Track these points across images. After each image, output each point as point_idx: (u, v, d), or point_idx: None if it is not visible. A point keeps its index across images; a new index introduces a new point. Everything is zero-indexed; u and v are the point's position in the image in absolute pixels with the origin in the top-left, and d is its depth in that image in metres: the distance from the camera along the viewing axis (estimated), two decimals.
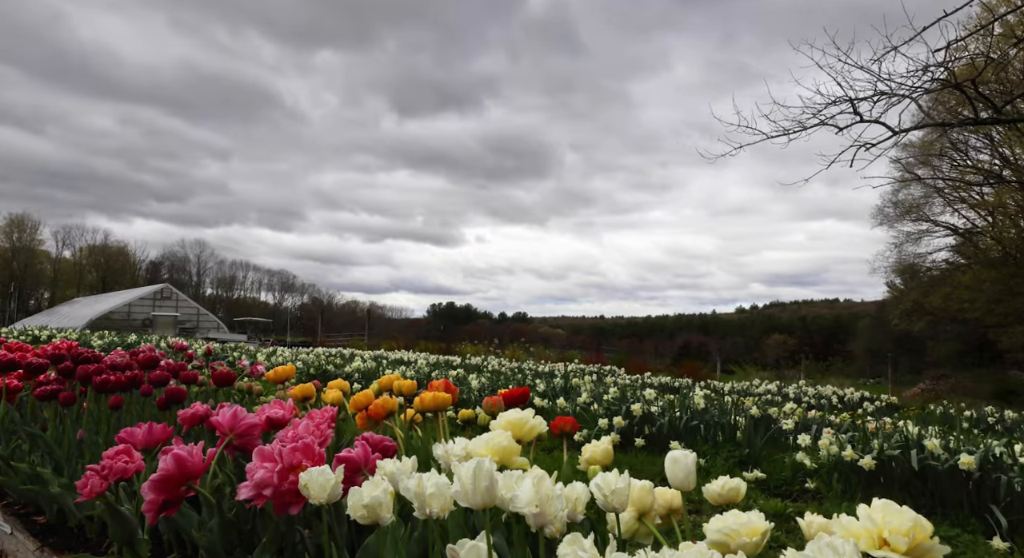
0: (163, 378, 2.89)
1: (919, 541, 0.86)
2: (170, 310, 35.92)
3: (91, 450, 2.43)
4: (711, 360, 34.50)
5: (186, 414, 2.08)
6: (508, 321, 73.55)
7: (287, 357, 12.21)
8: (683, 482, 1.30)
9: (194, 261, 56.01)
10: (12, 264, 45.80)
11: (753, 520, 1.02)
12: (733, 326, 63.01)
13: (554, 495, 1.09)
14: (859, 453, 4.10)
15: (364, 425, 2.17)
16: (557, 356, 25.25)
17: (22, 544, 2.09)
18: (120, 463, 1.59)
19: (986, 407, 11.11)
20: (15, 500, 2.47)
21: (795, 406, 7.51)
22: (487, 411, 2.34)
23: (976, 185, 21.49)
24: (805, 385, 15.27)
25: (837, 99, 7.51)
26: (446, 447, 1.49)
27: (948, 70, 6.92)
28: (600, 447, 1.61)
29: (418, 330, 52.73)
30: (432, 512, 1.12)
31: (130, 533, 1.66)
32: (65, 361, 2.89)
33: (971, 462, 3.63)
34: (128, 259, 54.20)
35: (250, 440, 1.83)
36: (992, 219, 22.37)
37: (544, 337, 45.38)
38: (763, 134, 7.90)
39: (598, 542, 1.29)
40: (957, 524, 3.55)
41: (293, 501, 1.43)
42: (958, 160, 21.40)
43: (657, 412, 5.71)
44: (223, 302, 55.48)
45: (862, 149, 7.62)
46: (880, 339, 32.08)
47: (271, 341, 35.00)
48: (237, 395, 3.38)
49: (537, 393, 7.45)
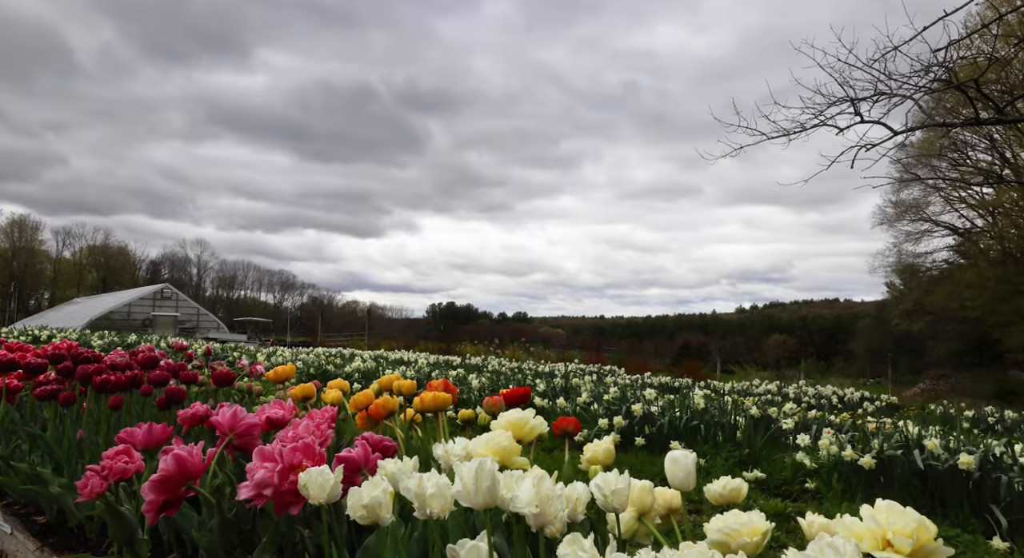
0: (163, 378, 2.89)
1: (923, 542, 0.85)
2: (170, 310, 35.93)
3: (91, 450, 2.42)
4: (711, 360, 34.52)
5: (186, 414, 2.07)
6: (508, 321, 73.58)
7: (287, 357, 12.21)
8: (683, 482, 1.30)
9: (194, 261, 56.12)
10: (12, 264, 45.82)
11: (754, 520, 1.01)
12: (733, 326, 62.98)
13: (554, 495, 1.08)
14: (859, 453, 4.10)
15: (364, 425, 2.16)
16: (557, 356, 25.26)
17: (22, 544, 2.09)
18: (120, 463, 1.59)
19: (986, 407, 11.11)
20: (15, 500, 2.47)
21: (795, 406, 7.52)
22: (487, 411, 2.34)
23: (976, 185, 21.51)
24: (805, 385, 15.27)
25: (838, 99, 7.50)
26: (446, 447, 1.49)
27: (949, 70, 6.91)
28: (602, 447, 1.60)
29: (418, 330, 52.76)
30: (432, 512, 1.12)
31: (130, 533, 1.66)
32: (65, 361, 2.89)
33: (971, 462, 3.63)
34: (128, 259, 54.28)
35: (250, 440, 1.83)
36: (992, 219, 22.39)
37: (544, 337, 45.41)
38: (763, 134, 7.89)
39: (598, 542, 1.29)
40: (957, 524, 3.55)
41: (293, 501, 1.43)
42: (958, 160, 21.42)
43: (657, 412, 5.71)
44: (223, 302, 55.51)
45: (863, 149, 7.62)
46: (880, 339, 32.06)
47: (271, 341, 34.99)
48: (237, 395, 3.38)
49: (537, 393, 7.45)
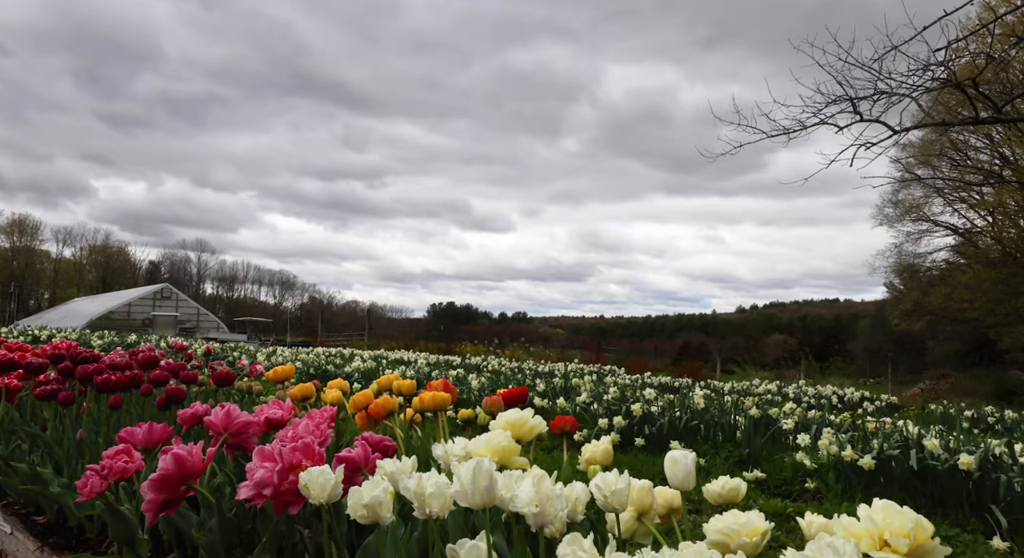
0: (163, 378, 2.89)
1: (920, 542, 0.85)
2: (170, 310, 35.91)
3: (91, 450, 2.43)
4: (711, 360, 34.50)
5: (186, 414, 2.08)
6: (508, 321, 73.59)
7: (287, 357, 12.21)
8: (683, 482, 1.30)
9: (194, 261, 56.09)
10: (12, 264, 45.79)
11: (753, 520, 1.02)
12: (733, 326, 62.94)
13: (554, 495, 1.09)
14: (859, 453, 4.10)
15: (364, 425, 2.16)
16: (557, 356, 25.27)
17: (22, 544, 2.09)
18: (120, 463, 1.59)
19: (986, 407, 11.11)
20: (15, 500, 2.47)
21: (795, 406, 7.51)
22: (487, 411, 2.34)
23: (976, 185, 21.48)
24: (805, 385, 15.27)
25: (837, 98, 7.50)
26: (446, 447, 1.49)
27: (948, 69, 6.91)
28: (600, 447, 1.60)
29: (418, 330, 52.71)
30: (432, 512, 1.12)
31: (130, 533, 1.66)
32: (65, 361, 2.89)
33: (971, 462, 3.63)
34: (128, 259, 54.25)
35: (245, 439, 1.83)
36: (992, 219, 22.38)
37: (544, 337, 45.43)
38: (763, 132, 7.90)
39: (598, 542, 1.29)
40: (957, 524, 3.55)
41: (293, 501, 1.43)
42: (958, 160, 21.41)
43: (657, 412, 5.71)
44: (223, 302, 55.49)
45: (862, 148, 7.62)
46: (880, 339, 32.07)
47: (271, 341, 34.94)
48: (237, 395, 3.38)
49: (537, 393, 7.44)
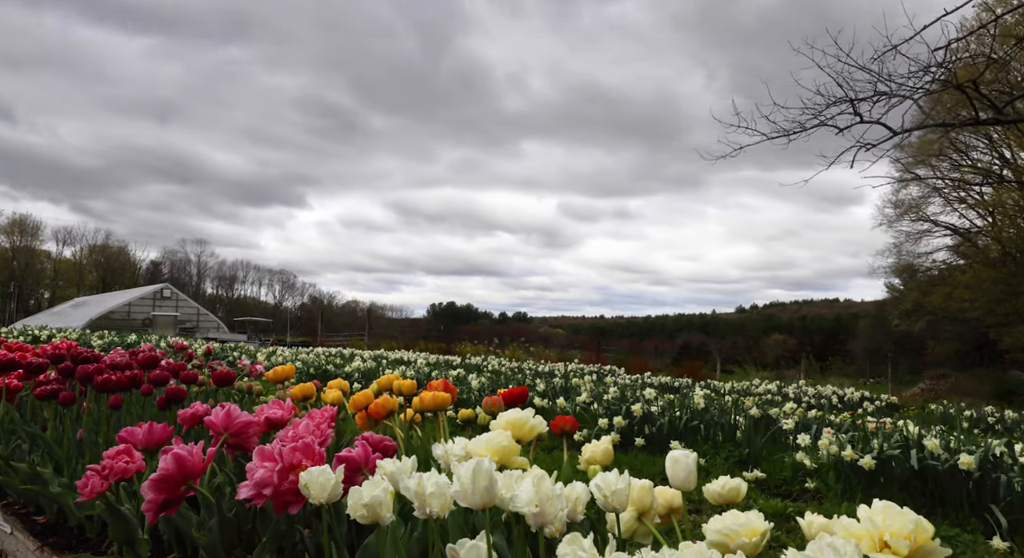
0: (163, 378, 2.89)
1: (920, 543, 0.85)
2: (170, 310, 35.91)
3: (91, 450, 2.43)
4: (711, 360, 34.52)
5: (186, 414, 2.08)
6: (508, 321, 73.64)
7: (287, 357, 12.20)
8: (683, 482, 1.30)
9: (194, 261, 56.11)
10: (12, 264, 45.79)
11: (752, 520, 1.01)
12: (733, 326, 62.95)
13: (554, 495, 1.09)
14: (859, 453, 4.09)
15: (364, 425, 2.16)
16: (557, 356, 25.28)
17: (22, 544, 2.09)
18: (120, 463, 1.59)
19: (986, 407, 11.11)
20: (15, 500, 2.47)
21: (795, 406, 7.51)
22: (487, 411, 2.34)
23: (976, 185, 21.50)
24: (805, 385, 15.27)
25: (837, 99, 7.50)
26: (446, 447, 1.49)
27: (948, 70, 6.91)
28: (600, 447, 1.60)
29: (418, 330, 52.73)
30: (432, 512, 1.12)
31: (130, 533, 1.66)
32: (65, 361, 2.89)
33: (971, 462, 3.63)
34: (128, 259, 54.25)
35: (244, 439, 1.83)
36: (992, 219, 22.38)
37: (544, 337, 45.43)
38: (763, 135, 7.90)
39: (598, 542, 1.29)
40: (957, 524, 3.55)
41: (293, 501, 1.43)
42: (958, 160, 21.42)
43: (657, 412, 5.71)
44: (223, 302, 55.50)
45: (863, 150, 7.62)
46: (880, 339, 32.07)
47: (271, 341, 34.95)
48: (237, 395, 3.38)
49: (537, 393, 7.44)
